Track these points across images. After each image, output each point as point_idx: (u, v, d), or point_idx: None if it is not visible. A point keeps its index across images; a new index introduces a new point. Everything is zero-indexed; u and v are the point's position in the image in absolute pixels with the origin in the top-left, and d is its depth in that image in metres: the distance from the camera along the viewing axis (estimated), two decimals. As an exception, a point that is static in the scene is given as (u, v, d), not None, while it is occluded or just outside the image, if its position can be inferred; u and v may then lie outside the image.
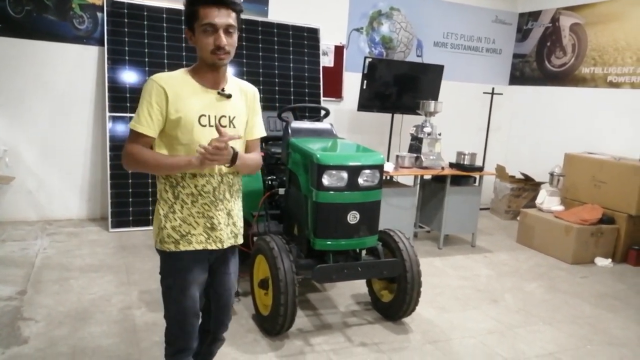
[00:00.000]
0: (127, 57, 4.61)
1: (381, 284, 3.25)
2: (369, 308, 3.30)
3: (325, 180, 2.72)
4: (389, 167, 4.33)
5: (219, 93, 1.76)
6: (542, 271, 4.32)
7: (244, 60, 5.11)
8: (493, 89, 6.16)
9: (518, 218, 5.40)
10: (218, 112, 1.75)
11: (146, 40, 4.68)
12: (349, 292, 3.52)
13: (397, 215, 4.37)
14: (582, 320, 3.38)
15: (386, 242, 3.08)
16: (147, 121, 1.66)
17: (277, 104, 5.22)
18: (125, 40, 4.61)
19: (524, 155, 6.41)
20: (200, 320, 1.91)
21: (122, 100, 4.59)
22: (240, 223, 1.90)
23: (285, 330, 2.76)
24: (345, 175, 2.74)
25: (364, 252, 3.02)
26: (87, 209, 4.89)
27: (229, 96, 1.77)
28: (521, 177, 6.10)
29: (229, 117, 1.78)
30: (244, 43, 5.09)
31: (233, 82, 1.85)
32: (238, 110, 1.82)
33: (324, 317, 3.15)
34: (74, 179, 4.80)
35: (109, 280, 3.48)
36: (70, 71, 4.62)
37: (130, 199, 4.61)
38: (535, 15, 6.37)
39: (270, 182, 3.77)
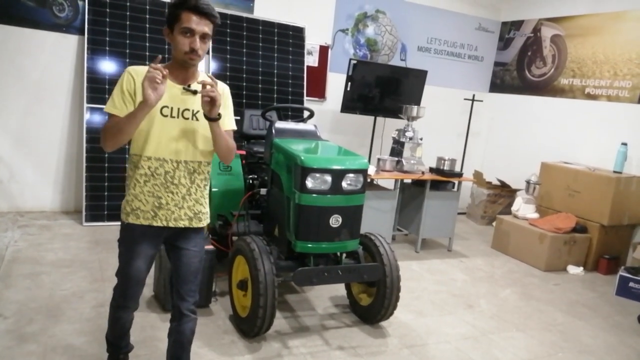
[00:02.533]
0: (107, 48, 4.51)
1: (360, 288, 3.25)
2: (347, 311, 3.30)
3: (309, 183, 2.71)
4: (370, 170, 4.34)
5: (184, 88, 1.93)
6: (516, 277, 4.40)
7: (228, 56, 5.05)
8: (474, 95, 6.24)
9: (494, 224, 5.49)
10: (181, 105, 1.93)
11: (128, 32, 4.58)
12: (327, 294, 3.52)
13: (376, 218, 4.39)
14: (553, 327, 3.45)
15: (367, 246, 3.09)
16: (120, 104, 1.86)
17: (260, 102, 5.18)
18: (106, 31, 4.51)
19: (501, 162, 6.52)
20: (143, 287, 2.11)
21: (101, 91, 4.49)
22: (198, 208, 2.04)
23: (263, 332, 2.74)
24: (329, 178, 2.73)
25: (344, 255, 3.02)
26: (60, 201, 4.77)
27: (194, 92, 1.93)
28: (498, 183, 6.20)
29: (192, 110, 1.95)
30: (228, 39, 5.04)
31: (204, 79, 1.96)
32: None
33: (302, 319, 3.14)
34: (48, 169, 4.68)
35: (82, 276, 3.40)
36: (47, 59, 4.50)
37: (106, 193, 4.51)
38: (517, 25, 6.47)
39: (251, 181, 3.75)
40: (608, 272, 4.69)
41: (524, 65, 6.35)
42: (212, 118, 1.86)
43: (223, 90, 2.02)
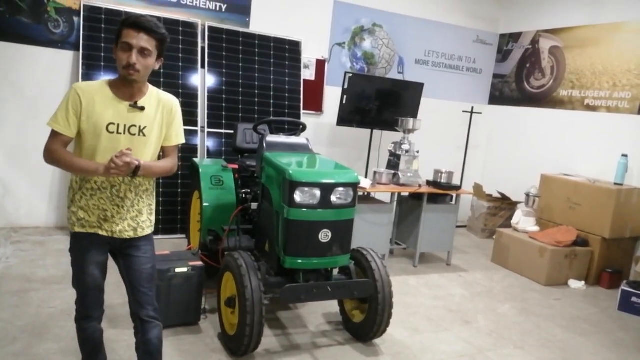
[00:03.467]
0: (102, 63, 4.52)
1: (353, 304, 3.18)
2: (339, 328, 3.23)
3: (297, 197, 2.66)
4: (366, 183, 4.29)
5: (130, 105, 1.94)
6: (516, 292, 4.31)
7: (224, 71, 5.05)
8: (472, 107, 6.20)
9: (494, 237, 5.41)
10: (128, 122, 1.94)
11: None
12: (320, 310, 3.44)
13: (373, 232, 4.32)
14: (553, 344, 3.35)
15: (358, 261, 3.03)
16: (64, 121, 1.88)
17: (257, 116, 5.16)
18: (101, 46, 4.52)
19: (501, 174, 6.45)
20: (102, 294, 2.12)
21: (96, 106, 4.48)
22: (141, 218, 2.07)
23: (250, 351, 2.68)
24: (317, 192, 2.68)
25: (335, 271, 2.96)
26: (55, 217, 4.74)
27: (141, 109, 1.96)
28: (498, 196, 6.13)
29: (139, 126, 1.97)
30: (224, 53, 5.04)
31: (153, 95, 2.04)
32: (150, 121, 2.00)
33: (292, 337, 3.07)
34: (42, 185, 4.66)
35: (72, 293, 3.26)
36: (42, 75, 4.51)
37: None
38: (515, 37, 6.45)
39: (244, 196, 3.71)
40: (611, 286, 4.58)
41: (522, 77, 6.31)
42: (134, 175, 1.90)
43: (172, 107, 2.07)
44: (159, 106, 2.03)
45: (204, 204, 3.58)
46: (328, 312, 3.43)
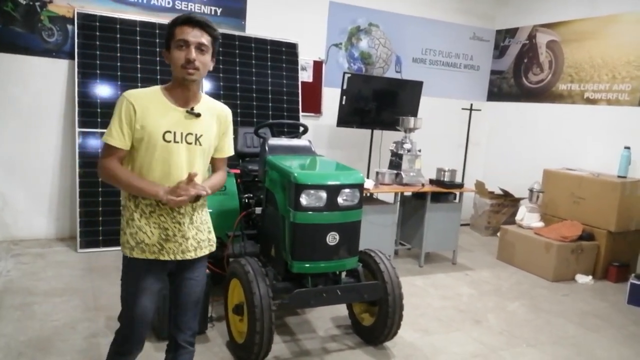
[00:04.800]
0: (98, 71, 4.46)
1: (362, 307, 3.13)
2: (349, 332, 3.17)
3: (304, 200, 2.61)
4: (369, 184, 4.25)
5: (187, 111, 1.84)
6: (524, 289, 4.27)
7: (221, 75, 5.00)
8: (471, 105, 6.16)
9: (498, 234, 5.36)
10: (185, 130, 1.83)
11: (119, 54, 4.54)
12: (328, 315, 3.39)
13: (377, 233, 4.27)
14: (565, 340, 3.31)
15: (367, 263, 2.98)
16: (118, 134, 1.76)
17: (255, 120, 5.11)
18: (96, 54, 4.46)
19: (502, 171, 6.41)
20: (149, 330, 2.01)
21: (93, 115, 4.43)
22: (200, 236, 1.94)
23: (261, 358, 2.62)
24: (324, 194, 2.63)
25: (343, 274, 2.91)
26: (55, 228, 4.68)
27: (197, 115, 1.85)
28: (500, 192, 6.09)
29: (196, 134, 1.86)
30: (220, 57, 4.99)
31: (206, 102, 1.93)
32: (206, 129, 1.89)
33: (302, 342, 3.01)
34: (41, 197, 4.59)
35: (75, 305, 3.29)
36: (38, 85, 4.45)
37: (100, 218, 4.42)
38: (512, 33, 6.42)
39: (247, 201, 3.65)
40: (618, 279, 4.55)
41: (520, 73, 6.29)
42: (196, 200, 1.83)
43: (227, 116, 1.98)
44: (214, 115, 1.93)
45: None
46: (336, 316, 3.38)
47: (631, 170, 4.75)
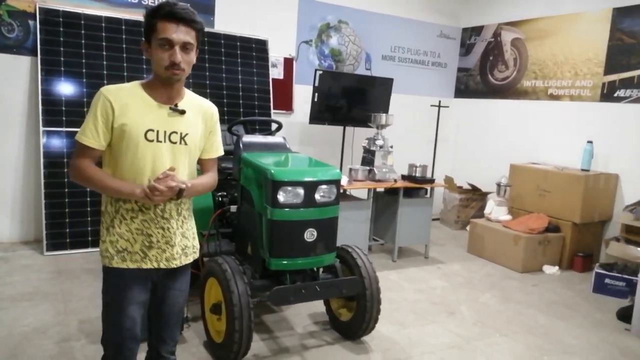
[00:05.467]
0: (62, 68, 4.32)
1: (339, 303, 3.15)
2: (327, 328, 3.18)
3: (281, 197, 2.60)
4: (342, 180, 4.26)
5: (171, 108, 1.72)
6: (494, 281, 4.38)
7: (190, 72, 4.91)
8: (440, 101, 6.25)
9: (467, 228, 5.48)
10: (168, 128, 1.72)
11: (84, 51, 4.40)
12: (306, 311, 3.39)
13: (352, 229, 4.30)
14: (536, 330, 3.41)
15: (344, 259, 2.99)
16: (92, 133, 1.64)
17: (226, 117, 5.05)
18: (60, 50, 4.32)
19: (470, 166, 6.55)
20: (138, 346, 1.84)
21: (58, 113, 4.28)
22: (185, 242, 1.84)
23: (240, 357, 2.60)
24: (301, 191, 2.63)
25: (321, 270, 2.91)
26: (19, 231, 4.50)
27: (182, 112, 1.74)
28: (469, 187, 6.22)
29: (180, 133, 1.75)
30: (189, 54, 4.90)
31: (191, 98, 1.83)
32: (191, 128, 1.78)
33: (280, 340, 3.01)
34: (4, 198, 4.42)
35: (45, 309, 3.18)
36: (-2, 83, 4.28)
37: (67, 220, 4.29)
38: (477, 30, 6.56)
39: (220, 199, 3.60)
40: (583, 269, 4.72)
41: (486, 70, 6.43)
42: (178, 197, 1.67)
43: (213, 114, 1.88)
44: (199, 112, 1.81)
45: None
46: (314, 312, 3.38)
47: (594, 163, 4.93)
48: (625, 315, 3.58)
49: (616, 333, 3.43)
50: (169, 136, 1.72)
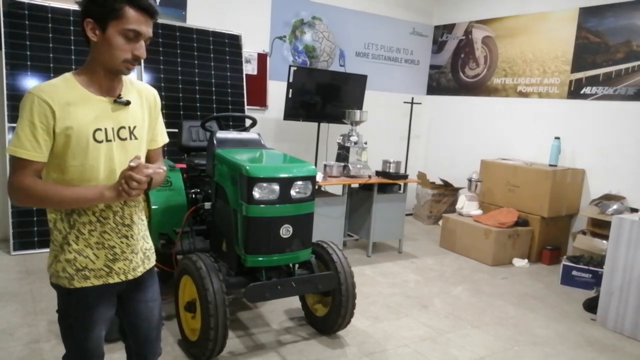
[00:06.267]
0: (29, 62, 4.20)
1: (315, 298, 3.16)
2: (303, 323, 3.19)
3: (256, 194, 2.59)
4: (317, 176, 4.27)
5: (115, 101, 1.51)
6: (466, 274, 4.46)
7: (162, 67, 4.84)
8: (412, 98, 6.34)
9: (440, 223, 5.57)
10: (115, 124, 1.51)
11: (51, 44, 4.29)
12: (281, 308, 3.39)
13: (327, 225, 4.32)
14: (506, 321, 3.50)
15: (319, 254, 3.00)
16: (32, 144, 1.39)
17: (199, 113, 5.00)
18: (26, 44, 4.19)
19: (442, 162, 6.65)
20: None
21: (24, 109, 4.16)
22: (148, 244, 1.69)
23: (215, 355, 2.59)
24: (276, 187, 2.62)
25: (297, 266, 2.92)
26: (-17, 231, 4.37)
27: (127, 103, 1.54)
28: (441, 183, 6.32)
29: (129, 127, 1.55)
30: (161, 49, 4.83)
31: (129, 85, 1.60)
32: (138, 119, 1.59)
33: (256, 336, 3.00)
34: (-34, 197, 4.28)
35: (13, 310, 3.10)
36: (-40, 77, 4.12)
37: (35, 218, 4.18)
38: (449, 28, 6.64)
39: (194, 196, 3.57)
40: (551, 262, 4.85)
41: (458, 67, 6.52)
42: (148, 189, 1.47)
43: (155, 98, 1.67)
44: (142, 99, 1.62)
45: (153, 207, 3.41)
46: (289, 308, 3.39)
47: (561, 159, 5.07)
48: (591, 305, 3.70)
49: (583, 323, 3.54)
50: (118, 133, 1.52)
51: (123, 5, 1.40)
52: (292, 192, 2.67)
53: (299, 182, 2.69)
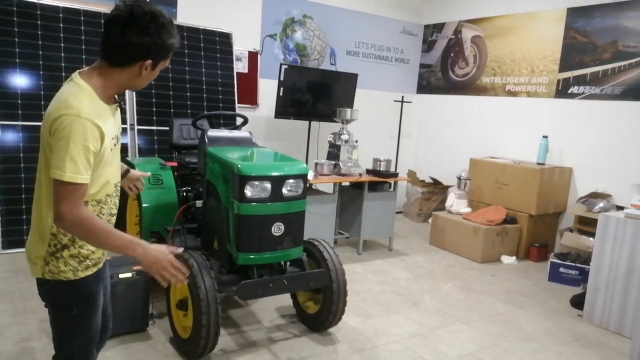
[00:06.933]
0: (18, 60, 4.16)
1: (306, 296, 3.18)
2: (294, 321, 3.21)
3: (248, 192, 2.61)
4: (309, 175, 4.29)
5: (117, 107, 1.62)
6: (455, 271, 4.51)
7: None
8: (403, 97, 6.37)
9: (429, 221, 5.61)
10: (118, 130, 1.63)
11: (40, 42, 4.25)
12: (273, 305, 3.41)
13: (318, 223, 4.34)
14: (495, 318, 3.55)
15: (311, 252, 3.03)
16: (85, 169, 1.42)
17: (190, 111, 4.99)
18: (15, 42, 4.16)
19: (432, 161, 6.70)
20: None
21: (13, 107, 4.12)
22: None
23: (207, 352, 2.60)
24: (268, 186, 2.64)
25: (288, 264, 2.94)
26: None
27: (122, 108, 1.68)
28: (431, 181, 6.36)
29: (119, 131, 1.67)
30: (152, 47, 4.81)
31: None
32: (120, 122, 1.68)
33: (248, 334, 3.02)
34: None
35: (3, 309, 3.08)
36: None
37: (24, 217, 4.15)
38: (439, 28, 6.69)
39: (185, 194, 3.58)
40: (539, 259, 4.92)
41: (447, 67, 6.57)
42: None
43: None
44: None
45: (144, 205, 3.42)
46: (280, 306, 3.41)
47: (549, 157, 5.13)
48: (578, 302, 3.77)
49: (570, 319, 3.60)
50: (118, 137, 1.64)
51: (170, 53, 1.58)
52: (284, 191, 2.69)
53: (291, 181, 2.71)
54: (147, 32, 1.47)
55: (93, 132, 1.43)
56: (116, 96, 1.60)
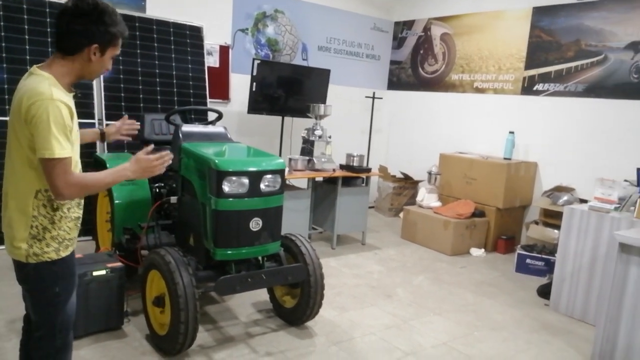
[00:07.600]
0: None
1: (283, 290, 3.20)
2: (271, 315, 3.23)
3: (226, 187, 2.60)
4: (281, 170, 4.29)
5: (74, 96, 1.76)
6: (426, 264, 4.61)
7: (121, 58, 4.72)
8: (374, 93, 6.44)
9: (401, 215, 5.70)
10: (76, 115, 1.77)
11: (3, 34, 4.10)
12: (249, 301, 3.41)
13: (292, 218, 4.35)
14: (466, 308, 3.65)
15: (288, 247, 3.04)
16: (66, 144, 1.62)
17: (160, 106, 4.91)
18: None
19: (402, 156, 6.79)
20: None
21: (-25, 100, 3.98)
22: None
23: (186, 348, 2.59)
24: (246, 181, 2.64)
25: (265, 258, 2.95)
26: None
27: (77, 95, 1.85)
28: (401, 176, 6.46)
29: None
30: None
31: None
32: None
33: (225, 329, 3.01)
34: None
35: (-33, 310, 2.98)
36: None
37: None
38: (409, 25, 6.78)
39: (158, 190, 3.53)
40: (506, 251, 5.07)
41: (417, 63, 6.67)
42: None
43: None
44: None
45: (116, 202, 3.36)
46: (257, 301, 3.41)
47: (515, 152, 5.29)
48: (544, 291, 3.91)
49: (537, 308, 3.74)
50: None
51: (119, 40, 1.77)
52: (262, 186, 2.69)
53: (268, 176, 2.71)
54: (89, 19, 1.67)
55: (65, 111, 1.62)
56: (72, 87, 1.76)
